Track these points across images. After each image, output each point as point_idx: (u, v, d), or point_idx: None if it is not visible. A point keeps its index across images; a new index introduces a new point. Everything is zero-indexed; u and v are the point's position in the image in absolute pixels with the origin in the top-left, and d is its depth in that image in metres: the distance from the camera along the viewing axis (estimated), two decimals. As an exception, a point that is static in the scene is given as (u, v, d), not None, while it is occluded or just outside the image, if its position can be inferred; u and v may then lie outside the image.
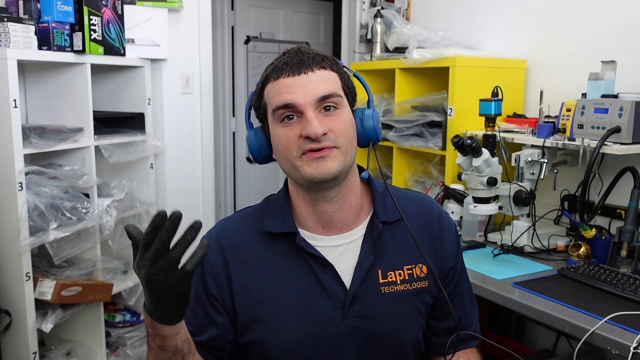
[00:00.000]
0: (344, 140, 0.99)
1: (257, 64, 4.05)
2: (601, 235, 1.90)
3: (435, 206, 1.16)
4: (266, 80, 1.02)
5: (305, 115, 0.96)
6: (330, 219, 1.05)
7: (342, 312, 1.02)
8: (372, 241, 1.05)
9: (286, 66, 0.99)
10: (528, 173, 1.99)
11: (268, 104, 1.01)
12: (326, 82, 0.99)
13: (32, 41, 2.04)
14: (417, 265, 1.08)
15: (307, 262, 1.03)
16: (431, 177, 2.52)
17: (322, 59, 1.00)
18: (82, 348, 2.38)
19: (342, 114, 1.00)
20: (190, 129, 2.85)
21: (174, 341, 0.90)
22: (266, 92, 1.02)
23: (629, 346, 1.29)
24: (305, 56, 0.99)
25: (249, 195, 4.13)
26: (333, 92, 0.98)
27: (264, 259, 1.05)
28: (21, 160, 1.99)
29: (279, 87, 0.98)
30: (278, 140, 1.00)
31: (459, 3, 2.73)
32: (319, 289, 1.03)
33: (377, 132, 1.06)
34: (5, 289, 2.08)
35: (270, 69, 1.02)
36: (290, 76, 0.98)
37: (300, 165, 0.98)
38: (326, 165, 0.96)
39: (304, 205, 1.05)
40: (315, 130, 0.95)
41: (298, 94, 0.96)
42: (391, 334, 1.05)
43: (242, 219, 1.12)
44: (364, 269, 1.04)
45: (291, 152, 0.98)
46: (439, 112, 2.37)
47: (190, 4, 2.74)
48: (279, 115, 0.99)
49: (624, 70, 1.93)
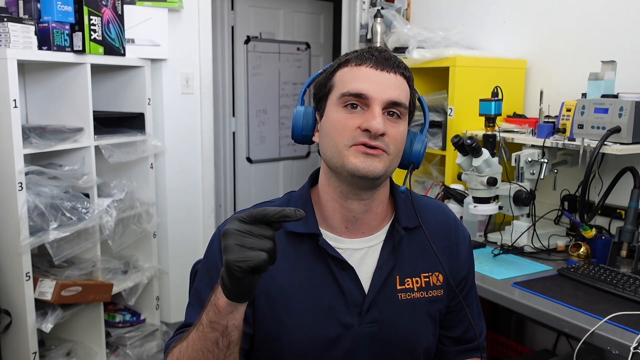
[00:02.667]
0: (395, 149, 0.99)
1: (257, 64, 4.05)
2: (601, 235, 1.90)
3: (452, 215, 1.17)
4: (345, 63, 1.01)
5: (371, 110, 0.96)
6: (355, 220, 1.05)
7: (359, 317, 1.02)
8: (392, 246, 1.05)
9: (372, 57, 0.99)
10: (528, 173, 1.99)
11: (337, 86, 1.00)
12: (401, 89, 1.00)
13: (32, 41, 2.04)
14: (434, 273, 1.08)
15: (328, 265, 1.03)
16: (431, 177, 2.52)
17: (404, 68, 1.02)
18: (82, 348, 2.38)
19: (401, 125, 1.01)
20: (190, 129, 2.85)
21: (225, 320, 0.85)
22: (340, 73, 1.01)
23: (629, 346, 1.29)
24: (392, 56, 1.01)
25: (249, 195, 4.13)
26: (403, 102, 1.00)
27: (286, 257, 1.04)
28: (21, 160, 1.99)
29: (359, 74, 0.98)
30: (334, 123, 0.99)
31: (459, 3, 2.73)
32: (337, 292, 1.02)
33: (420, 156, 1.07)
34: (5, 289, 2.08)
35: (353, 54, 1.01)
36: (373, 68, 0.98)
37: (346, 155, 0.97)
38: (373, 163, 0.96)
39: (332, 200, 1.04)
40: (378, 127, 0.95)
41: (375, 86, 0.97)
42: (405, 341, 1.05)
43: None
44: (383, 275, 1.04)
45: (343, 138, 0.97)
46: (439, 112, 2.37)
47: (190, 4, 2.74)
48: (345, 101, 0.98)
49: (624, 70, 1.93)
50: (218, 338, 0.86)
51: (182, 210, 2.83)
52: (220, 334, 0.86)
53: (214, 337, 0.86)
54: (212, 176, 2.98)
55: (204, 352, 0.87)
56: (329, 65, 1.06)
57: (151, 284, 2.65)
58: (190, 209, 2.86)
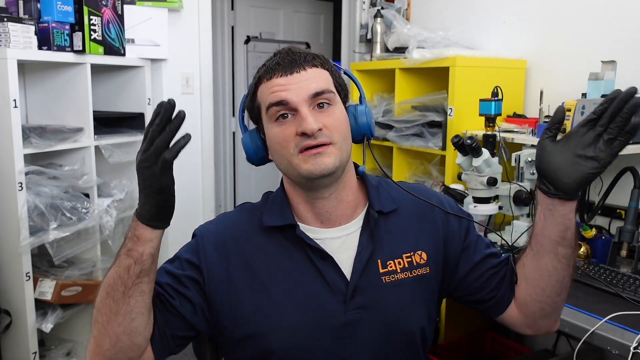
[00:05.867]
0: (338, 136, 1.00)
1: (257, 64, 4.01)
2: (601, 235, 1.90)
3: (432, 192, 1.16)
4: (259, 81, 1.03)
5: (299, 113, 0.97)
6: (329, 215, 1.06)
7: (344, 304, 1.02)
8: (370, 232, 1.06)
9: (278, 66, 1.00)
10: (528, 173, 1.99)
11: (262, 104, 1.03)
12: (318, 79, 1.00)
13: (32, 41, 2.04)
14: (416, 252, 1.08)
15: (308, 255, 1.04)
16: (431, 177, 2.52)
17: (312, 58, 1.02)
18: (82, 348, 2.38)
19: (335, 110, 1.01)
20: (190, 129, 2.82)
21: (142, 246, 0.92)
22: (259, 92, 1.03)
23: (629, 346, 1.29)
24: (297, 56, 1.01)
25: (249, 196, 4.13)
26: (325, 89, 1.00)
27: (264, 252, 1.06)
28: (21, 160, 1.99)
29: (272, 86, 0.99)
30: (274, 139, 1.01)
31: (459, 3, 2.73)
32: (320, 281, 1.03)
33: (370, 127, 1.07)
34: (5, 289, 2.08)
35: (262, 70, 1.03)
36: (283, 76, 0.99)
37: (297, 163, 0.98)
38: (323, 161, 0.97)
39: (301, 202, 1.06)
40: (311, 126, 0.96)
41: (291, 91, 0.98)
42: (396, 323, 1.05)
43: (242, 214, 1.13)
44: (363, 260, 1.04)
45: (288, 150, 0.99)
46: (439, 112, 2.37)
47: (190, 4, 2.74)
48: (274, 114, 1.00)
49: (624, 70, 1.93)
50: (131, 265, 0.92)
51: (182, 210, 2.81)
52: (134, 261, 0.92)
53: (127, 264, 0.92)
54: (212, 176, 2.98)
55: (114, 279, 0.93)
56: (250, 85, 1.07)
57: (151, 284, 2.65)
58: (190, 209, 2.86)
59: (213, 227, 1.12)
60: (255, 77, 1.05)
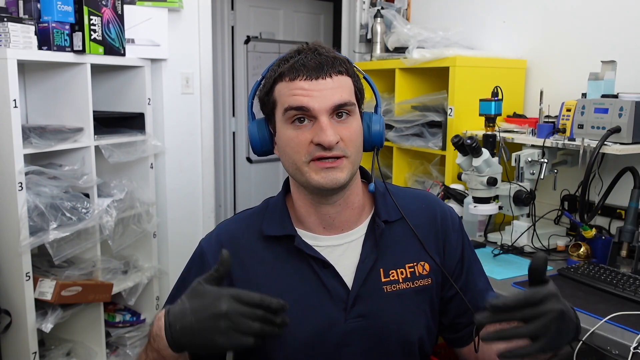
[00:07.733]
0: (353, 150, 0.98)
1: (257, 64, 4.05)
2: (601, 235, 1.90)
3: (437, 202, 1.16)
4: (280, 78, 0.98)
5: (319, 122, 0.95)
6: (332, 220, 1.05)
7: (345, 312, 1.02)
8: (374, 240, 1.05)
9: (304, 68, 0.96)
10: (528, 173, 1.99)
11: (279, 102, 0.99)
12: (342, 89, 0.97)
13: (32, 41, 2.04)
14: (419, 263, 1.07)
15: (309, 263, 1.03)
16: (431, 177, 2.52)
17: (340, 63, 0.98)
18: (82, 348, 2.38)
19: (353, 122, 0.99)
20: (190, 129, 2.85)
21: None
22: (278, 89, 0.99)
23: (629, 346, 1.29)
24: (324, 59, 0.97)
25: (249, 195, 4.13)
26: (348, 101, 0.97)
27: (265, 262, 1.05)
28: (21, 160, 1.99)
29: (294, 89, 0.96)
30: (287, 141, 0.98)
31: (459, 3, 2.73)
32: (321, 289, 1.02)
33: (382, 137, 1.07)
34: (5, 289, 2.08)
35: (285, 66, 0.98)
36: (307, 80, 0.95)
37: (307, 172, 0.97)
38: (335, 175, 0.96)
39: (305, 206, 1.05)
40: (330, 139, 0.93)
41: (314, 98, 0.94)
42: (395, 333, 1.05)
43: (242, 222, 1.11)
44: (366, 269, 1.03)
45: (300, 156, 0.97)
46: (439, 112, 2.37)
47: (190, 4, 2.74)
48: (291, 116, 0.97)
49: (624, 70, 1.93)
50: None
51: (182, 210, 2.83)
52: None
53: None
54: (212, 176, 2.98)
55: None
56: (267, 69, 1.02)
57: (151, 284, 2.65)
58: (190, 209, 2.86)
59: (214, 240, 1.10)
60: (275, 70, 1.00)
